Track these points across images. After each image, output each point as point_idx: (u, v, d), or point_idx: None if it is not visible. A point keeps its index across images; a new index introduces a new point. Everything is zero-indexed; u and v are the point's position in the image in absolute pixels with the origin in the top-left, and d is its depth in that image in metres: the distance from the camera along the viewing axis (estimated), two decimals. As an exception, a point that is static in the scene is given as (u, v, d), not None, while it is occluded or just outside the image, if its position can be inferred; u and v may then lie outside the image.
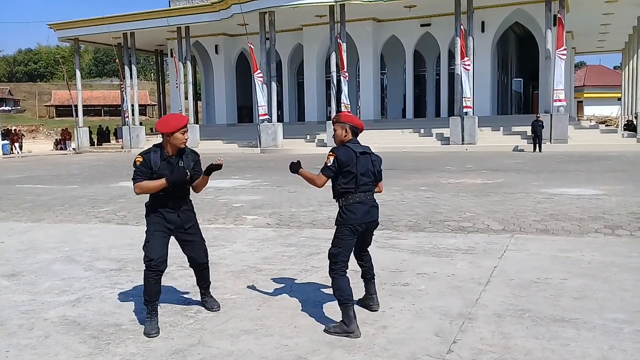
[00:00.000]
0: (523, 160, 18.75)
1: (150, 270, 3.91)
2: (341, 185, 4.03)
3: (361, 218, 4.01)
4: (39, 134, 51.09)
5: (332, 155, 4.00)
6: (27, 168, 21.86)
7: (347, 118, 4.13)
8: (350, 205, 4.01)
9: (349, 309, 3.82)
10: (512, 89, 38.53)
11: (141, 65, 73.79)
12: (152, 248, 3.95)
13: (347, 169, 4.00)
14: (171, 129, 3.92)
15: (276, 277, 5.33)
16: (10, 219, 9.39)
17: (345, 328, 3.79)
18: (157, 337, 3.82)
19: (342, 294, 3.86)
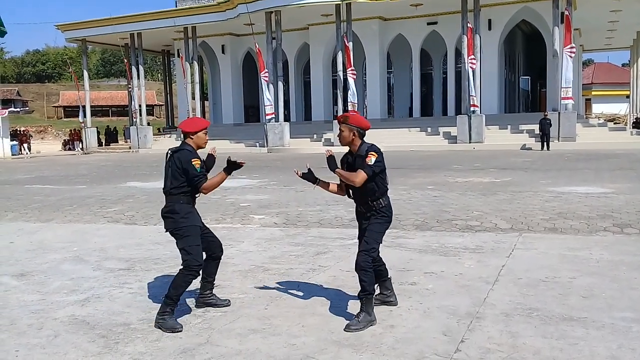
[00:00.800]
0: (531, 159, 18.67)
1: (194, 274, 4.05)
2: (383, 184, 4.05)
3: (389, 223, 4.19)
4: (47, 135, 51.37)
5: (374, 155, 3.97)
6: (35, 168, 22.00)
7: (355, 120, 4.07)
8: (390, 203, 4.13)
9: (371, 300, 4.02)
10: (520, 87, 38.34)
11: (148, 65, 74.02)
12: (199, 253, 4.12)
13: (384, 167, 4.04)
14: (198, 127, 4.15)
15: (283, 276, 5.34)
16: (20, 219, 9.46)
17: (369, 318, 3.92)
18: (166, 337, 3.83)
19: (368, 285, 3.96)
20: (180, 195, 4.10)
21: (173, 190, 4.10)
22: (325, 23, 31.52)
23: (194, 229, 4.10)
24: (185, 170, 4.04)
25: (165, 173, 4.15)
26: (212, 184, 4.10)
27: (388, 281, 4.39)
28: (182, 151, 4.11)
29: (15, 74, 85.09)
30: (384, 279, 4.37)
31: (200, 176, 4.07)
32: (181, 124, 4.26)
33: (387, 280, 4.39)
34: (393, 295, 4.39)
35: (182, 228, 4.07)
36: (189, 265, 4.03)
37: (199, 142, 4.18)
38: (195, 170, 4.03)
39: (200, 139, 4.17)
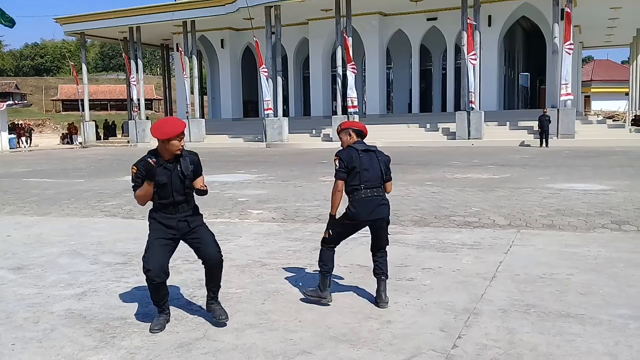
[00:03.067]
0: (530, 155, 18.66)
1: (149, 279, 3.83)
2: (349, 183, 4.21)
3: (365, 215, 4.20)
4: (45, 128, 51.29)
5: (337, 158, 4.23)
6: (33, 162, 21.96)
7: (349, 124, 4.37)
8: (356, 202, 4.20)
9: (325, 278, 4.32)
10: (519, 83, 38.33)
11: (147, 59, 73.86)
12: (148, 258, 3.85)
13: (351, 167, 4.18)
14: (166, 135, 3.73)
15: (281, 271, 5.34)
16: (17, 212, 9.44)
17: (319, 293, 4.32)
18: (163, 332, 3.82)
19: (323, 265, 4.34)
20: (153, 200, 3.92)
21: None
22: (324, 18, 31.45)
23: (151, 234, 3.93)
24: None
25: None
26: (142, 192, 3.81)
27: (380, 281, 4.33)
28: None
29: (13, 67, 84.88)
30: (376, 273, 4.38)
31: (133, 182, 3.83)
32: (152, 127, 3.90)
33: (379, 278, 4.34)
34: (381, 297, 4.28)
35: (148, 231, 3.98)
36: (143, 271, 3.91)
37: (172, 149, 3.79)
38: (132, 176, 3.83)
39: (173, 146, 3.78)
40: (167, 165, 3.82)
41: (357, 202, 4.20)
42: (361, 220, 4.25)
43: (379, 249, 4.40)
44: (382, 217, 4.28)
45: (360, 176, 4.19)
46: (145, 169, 3.75)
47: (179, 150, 3.81)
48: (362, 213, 4.20)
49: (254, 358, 3.36)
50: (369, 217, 4.22)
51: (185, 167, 3.86)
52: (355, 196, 4.20)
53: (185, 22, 32.40)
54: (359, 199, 4.19)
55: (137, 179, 3.79)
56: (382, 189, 4.30)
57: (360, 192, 4.18)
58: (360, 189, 4.18)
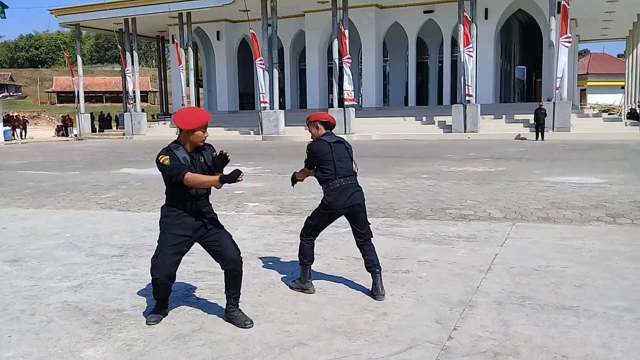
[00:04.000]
0: (525, 149, 18.70)
1: (155, 285, 3.78)
2: (322, 173, 4.36)
3: (341, 203, 4.33)
4: (40, 120, 51.00)
5: (307, 150, 4.44)
6: (28, 154, 21.87)
7: (316, 116, 4.50)
8: (331, 191, 4.34)
9: (305, 270, 4.47)
10: (515, 76, 38.36)
11: (142, 51, 73.55)
12: (158, 266, 3.71)
13: (323, 159, 4.33)
14: (192, 125, 3.59)
15: (278, 263, 5.35)
16: (12, 204, 9.41)
17: (301, 285, 4.47)
18: (159, 324, 3.83)
19: (303, 257, 4.49)
20: (167, 196, 3.77)
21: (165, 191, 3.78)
22: (321, 10, 31.36)
23: (164, 238, 3.73)
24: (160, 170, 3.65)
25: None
26: (195, 178, 3.58)
27: (375, 274, 4.36)
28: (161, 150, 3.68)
29: (8, 58, 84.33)
30: (368, 267, 4.42)
31: (172, 168, 3.57)
32: (175, 116, 3.72)
33: (373, 272, 4.37)
34: (378, 290, 4.31)
35: (160, 228, 3.79)
36: (150, 274, 3.77)
37: (196, 141, 3.66)
38: (164, 168, 3.60)
39: (198, 137, 3.65)
40: (191, 157, 3.69)
41: (333, 192, 4.31)
42: (337, 208, 4.35)
43: (364, 241, 4.43)
44: (358, 203, 4.38)
45: (335, 166, 4.31)
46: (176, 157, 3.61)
47: (202, 142, 3.69)
48: (338, 202, 4.31)
49: (250, 349, 3.37)
50: (345, 205, 4.32)
51: (208, 157, 3.76)
52: (330, 186, 4.32)
53: (181, 13, 32.25)
54: (334, 189, 4.31)
55: (174, 162, 3.58)
56: (355, 177, 4.42)
57: (335, 182, 4.31)
58: (335, 178, 4.31)
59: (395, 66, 35.62)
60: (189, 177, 3.55)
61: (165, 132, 34.29)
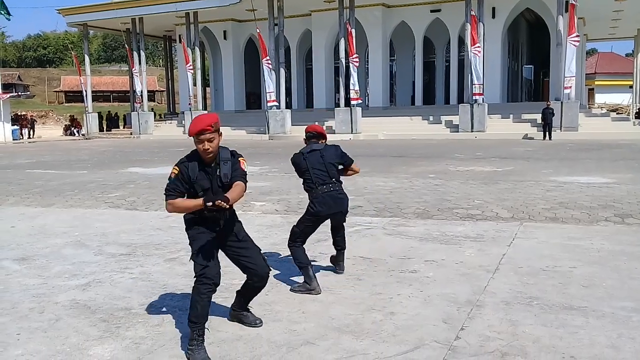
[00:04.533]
0: (533, 148, 18.63)
1: (204, 283, 3.27)
2: (304, 182, 4.68)
3: (325, 210, 4.60)
4: (48, 120, 51.23)
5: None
6: (36, 153, 22.00)
7: (309, 128, 4.87)
8: (315, 199, 4.59)
9: (308, 271, 4.49)
10: (523, 76, 38.20)
11: (150, 51, 73.76)
12: (208, 257, 3.31)
13: (300, 169, 4.67)
14: (190, 132, 3.26)
15: (284, 263, 5.35)
16: (21, 203, 9.47)
17: (308, 287, 4.45)
18: (167, 322, 3.84)
19: (300, 261, 4.56)
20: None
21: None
22: (327, 9, 31.34)
23: (197, 236, 3.39)
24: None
25: None
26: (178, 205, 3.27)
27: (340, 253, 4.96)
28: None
29: (16, 58, 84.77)
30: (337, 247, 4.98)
31: (167, 187, 3.29)
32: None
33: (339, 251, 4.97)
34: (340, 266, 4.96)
35: (189, 237, 3.45)
36: (195, 273, 3.35)
37: (200, 150, 3.28)
38: (169, 180, 3.29)
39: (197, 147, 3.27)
40: (207, 169, 3.32)
41: (317, 199, 4.58)
42: (322, 215, 4.64)
43: (339, 233, 4.94)
44: (341, 211, 4.72)
45: (312, 175, 4.59)
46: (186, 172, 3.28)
47: (205, 152, 3.25)
48: (322, 209, 4.59)
49: (258, 348, 3.38)
50: (329, 212, 4.63)
51: (225, 173, 3.33)
52: (314, 194, 4.60)
53: (187, 13, 32.33)
54: (317, 196, 4.58)
55: (176, 182, 3.27)
56: (337, 183, 4.67)
57: (316, 190, 4.58)
58: (315, 186, 4.58)
59: (402, 65, 35.56)
60: (170, 207, 3.30)
61: (172, 131, 34.40)
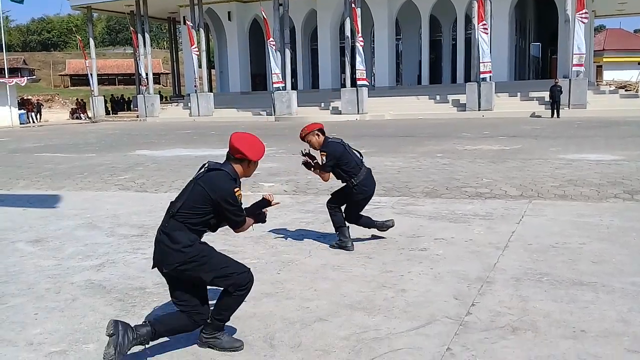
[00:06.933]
0: (541, 126, 18.53)
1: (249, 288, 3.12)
2: (346, 168, 4.98)
3: (371, 189, 5.17)
4: (54, 104, 51.29)
5: (324, 154, 4.96)
6: (44, 137, 22.08)
7: (310, 127, 5.03)
8: (364, 180, 5.04)
9: (344, 231, 5.08)
10: (530, 53, 37.82)
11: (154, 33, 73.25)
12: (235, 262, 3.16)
13: (342, 157, 4.97)
14: (261, 155, 3.19)
15: (295, 242, 5.40)
16: (32, 187, 9.55)
17: (341, 244, 5.03)
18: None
19: (338, 222, 5.11)
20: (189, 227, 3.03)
21: (179, 216, 3.03)
22: (332, -11, 31.04)
23: (209, 248, 3.11)
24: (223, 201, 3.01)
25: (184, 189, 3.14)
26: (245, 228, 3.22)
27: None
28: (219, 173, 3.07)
29: (21, 42, 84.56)
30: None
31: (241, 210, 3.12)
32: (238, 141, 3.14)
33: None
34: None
35: (194, 257, 2.99)
36: (237, 283, 3.05)
37: (252, 172, 3.26)
38: (236, 202, 3.04)
39: (254, 167, 3.24)
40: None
41: (366, 180, 5.04)
42: (373, 192, 5.18)
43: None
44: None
45: (354, 159, 5.04)
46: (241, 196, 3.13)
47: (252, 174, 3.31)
48: (372, 186, 5.15)
49: (272, 325, 3.43)
50: (373, 189, 5.19)
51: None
52: (360, 177, 5.00)
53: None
54: (365, 178, 5.04)
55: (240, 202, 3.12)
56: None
57: (362, 171, 5.03)
58: (357, 172, 5.01)
59: (408, 44, 35.25)
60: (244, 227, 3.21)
61: (178, 114, 34.38)
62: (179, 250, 2.97)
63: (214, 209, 3.02)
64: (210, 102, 32.46)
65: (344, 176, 5.02)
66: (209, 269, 3.00)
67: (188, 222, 3.01)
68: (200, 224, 3.05)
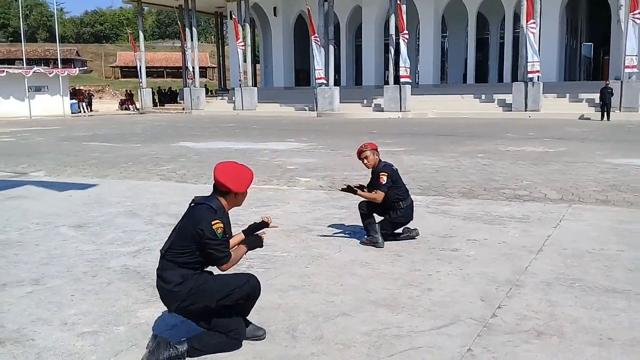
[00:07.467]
0: (589, 129, 18.01)
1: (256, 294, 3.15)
2: (396, 192, 5.10)
3: (410, 218, 5.24)
4: (104, 94, 52.92)
5: (385, 174, 5.04)
6: (93, 126, 22.81)
7: (372, 145, 5.16)
8: (403, 209, 5.14)
9: (374, 226, 5.12)
10: (582, 53, 36.70)
11: (202, 27, 74.58)
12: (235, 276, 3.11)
13: (397, 180, 5.14)
14: (248, 186, 3.11)
15: (326, 237, 5.44)
16: (78, 174, 9.90)
17: (372, 239, 5.08)
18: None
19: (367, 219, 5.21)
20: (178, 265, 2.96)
21: (168, 255, 2.98)
22: (379, -15, 30.88)
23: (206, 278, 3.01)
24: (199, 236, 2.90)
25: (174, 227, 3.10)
26: (234, 259, 3.05)
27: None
28: (201, 207, 2.98)
29: (74, 34, 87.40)
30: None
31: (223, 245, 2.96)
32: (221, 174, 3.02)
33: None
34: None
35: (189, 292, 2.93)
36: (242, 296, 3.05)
37: (242, 202, 3.13)
38: (218, 238, 2.91)
39: (245, 197, 3.13)
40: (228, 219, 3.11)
41: (405, 210, 5.15)
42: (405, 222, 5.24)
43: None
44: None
45: (404, 187, 5.21)
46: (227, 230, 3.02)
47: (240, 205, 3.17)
48: (409, 218, 5.22)
49: (295, 317, 3.48)
50: (409, 221, 5.25)
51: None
52: (402, 204, 5.13)
53: (239, -11, 32.49)
54: (406, 207, 5.16)
55: (225, 236, 2.98)
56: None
57: (407, 200, 5.18)
58: (406, 197, 5.17)
59: (454, 42, 34.75)
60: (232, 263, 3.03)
61: (222, 107, 34.93)
62: (172, 290, 2.95)
63: (197, 245, 2.93)
64: (253, 96, 32.83)
65: (389, 200, 5.10)
66: (210, 297, 2.95)
67: (177, 260, 2.95)
68: (189, 263, 2.96)
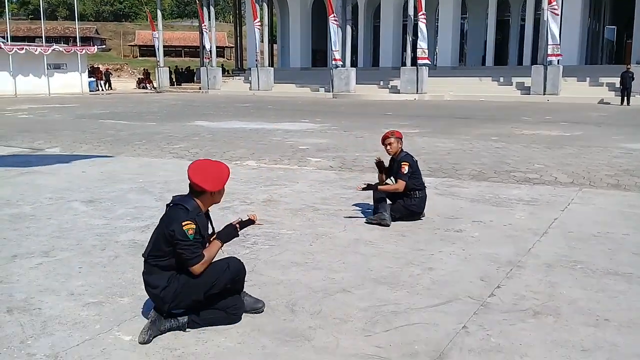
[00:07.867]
0: (607, 114, 17.74)
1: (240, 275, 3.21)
2: (414, 182, 5.18)
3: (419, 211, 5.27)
4: (123, 73, 53.20)
5: (407, 164, 5.12)
6: (110, 105, 23.02)
7: (397, 133, 5.29)
8: (417, 199, 5.20)
9: (384, 205, 5.15)
10: (604, 37, 35.95)
11: (220, 7, 74.32)
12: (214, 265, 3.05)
13: (416, 170, 5.21)
14: (224, 183, 3.06)
15: (332, 216, 5.48)
16: (93, 151, 10.04)
17: (380, 217, 5.10)
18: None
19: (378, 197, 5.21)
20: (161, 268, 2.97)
21: (150, 259, 3.01)
22: (398, -35, 30.46)
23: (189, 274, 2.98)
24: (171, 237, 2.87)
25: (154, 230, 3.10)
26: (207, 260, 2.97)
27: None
28: (176, 208, 2.96)
29: (94, 12, 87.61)
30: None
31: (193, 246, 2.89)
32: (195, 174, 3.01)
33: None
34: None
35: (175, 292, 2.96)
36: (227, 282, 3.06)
37: (219, 200, 3.11)
38: (186, 237, 2.86)
39: (222, 195, 3.10)
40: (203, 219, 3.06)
41: (419, 199, 5.21)
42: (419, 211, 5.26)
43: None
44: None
45: (421, 179, 5.31)
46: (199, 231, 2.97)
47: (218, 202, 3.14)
48: (420, 208, 5.25)
49: (296, 292, 3.54)
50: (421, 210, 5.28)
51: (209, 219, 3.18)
52: (417, 194, 5.19)
53: (257, -32, 32.29)
54: (421, 197, 5.22)
55: (197, 237, 2.93)
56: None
57: (423, 191, 5.25)
58: (422, 188, 5.25)
59: (474, 24, 34.25)
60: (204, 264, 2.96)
61: (238, 87, 34.94)
62: (159, 295, 2.95)
63: (172, 247, 2.90)
64: (270, 76, 32.78)
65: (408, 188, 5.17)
66: (196, 292, 2.97)
67: (160, 264, 2.97)
68: (172, 266, 2.96)
